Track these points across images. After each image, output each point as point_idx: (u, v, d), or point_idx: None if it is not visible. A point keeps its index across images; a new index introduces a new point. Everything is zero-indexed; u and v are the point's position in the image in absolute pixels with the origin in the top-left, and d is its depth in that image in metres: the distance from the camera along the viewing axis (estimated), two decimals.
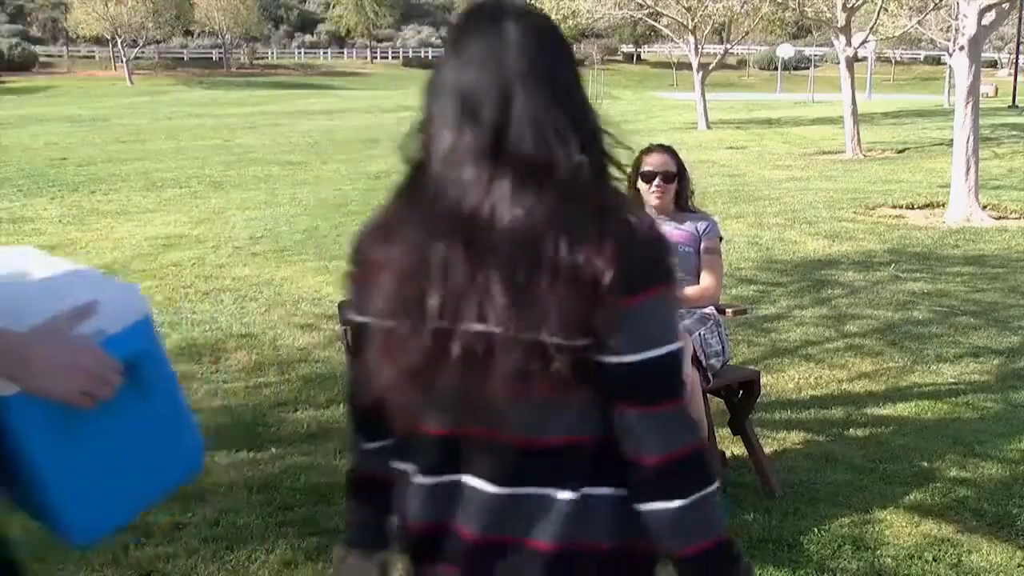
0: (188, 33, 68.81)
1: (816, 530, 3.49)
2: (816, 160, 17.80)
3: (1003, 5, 12.19)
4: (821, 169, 16.27)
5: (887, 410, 4.89)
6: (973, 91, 11.71)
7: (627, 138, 1.37)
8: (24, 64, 59.62)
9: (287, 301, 7.25)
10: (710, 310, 3.88)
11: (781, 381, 5.29)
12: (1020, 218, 11.24)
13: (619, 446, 1.30)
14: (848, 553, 3.36)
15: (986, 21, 11.77)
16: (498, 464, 1.33)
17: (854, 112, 18.59)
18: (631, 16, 28.21)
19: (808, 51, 58.84)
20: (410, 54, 74.49)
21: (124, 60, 57.26)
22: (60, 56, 67.17)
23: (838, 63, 20.74)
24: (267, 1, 77.28)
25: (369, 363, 1.36)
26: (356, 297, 1.41)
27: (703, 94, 26.40)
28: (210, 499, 3.85)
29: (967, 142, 11.57)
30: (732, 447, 4.11)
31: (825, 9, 20.61)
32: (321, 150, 19.53)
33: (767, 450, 4.03)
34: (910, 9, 23.63)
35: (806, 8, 21.29)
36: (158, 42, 64.34)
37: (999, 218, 11.18)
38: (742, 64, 66.99)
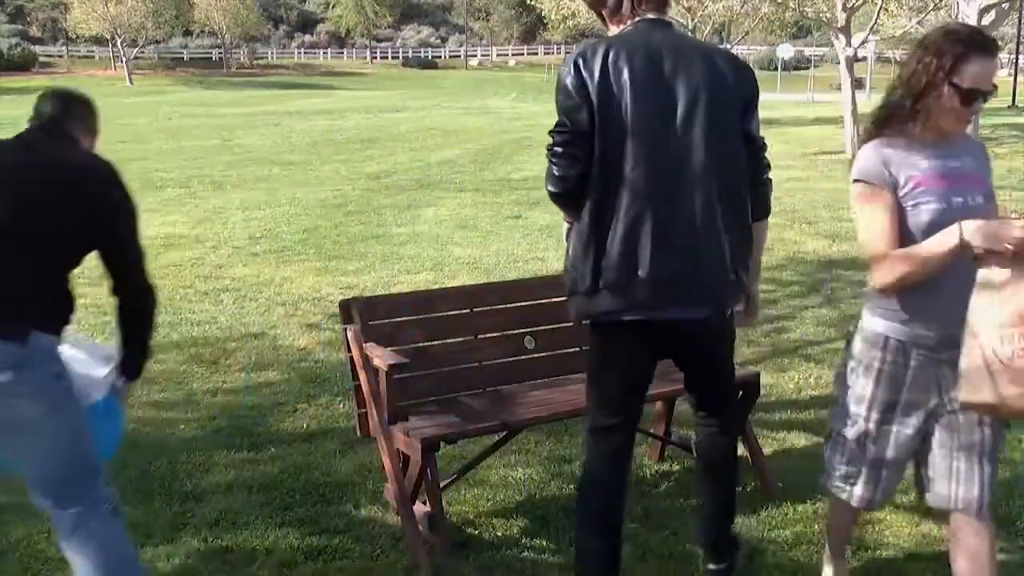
0: (188, 33, 68.85)
1: (816, 530, 3.49)
2: (816, 160, 17.79)
3: (1003, 5, 12.22)
4: (821, 169, 16.27)
5: None
6: None
7: None
8: (24, 64, 59.65)
9: (287, 301, 7.25)
10: None
11: (781, 381, 5.29)
12: (1020, 218, 11.23)
13: None
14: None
15: (986, 21, 11.80)
16: None
17: (854, 112, 18.58)
18: None
19: (808, 51, 58.79)
20: (409, 54, 74.52)
21: (124, 60, 57.28)
22: (60, 56, 67.18)
23: (838, 63, 20.73)
24: (267, 1, 77.30)
25: None
26: None
27: None
28: (210, 499, 3.85)
29: None
30: None
31: (825, 9, 20.61)
32: (320, 150, 19.52)
33: (767, 450, 4.04)
34: (910, 9, 23.62)
35: (806, 8, 21.29)
36: (158, 42, 64.38)
37: (999, 218, 11.17)
38: None
